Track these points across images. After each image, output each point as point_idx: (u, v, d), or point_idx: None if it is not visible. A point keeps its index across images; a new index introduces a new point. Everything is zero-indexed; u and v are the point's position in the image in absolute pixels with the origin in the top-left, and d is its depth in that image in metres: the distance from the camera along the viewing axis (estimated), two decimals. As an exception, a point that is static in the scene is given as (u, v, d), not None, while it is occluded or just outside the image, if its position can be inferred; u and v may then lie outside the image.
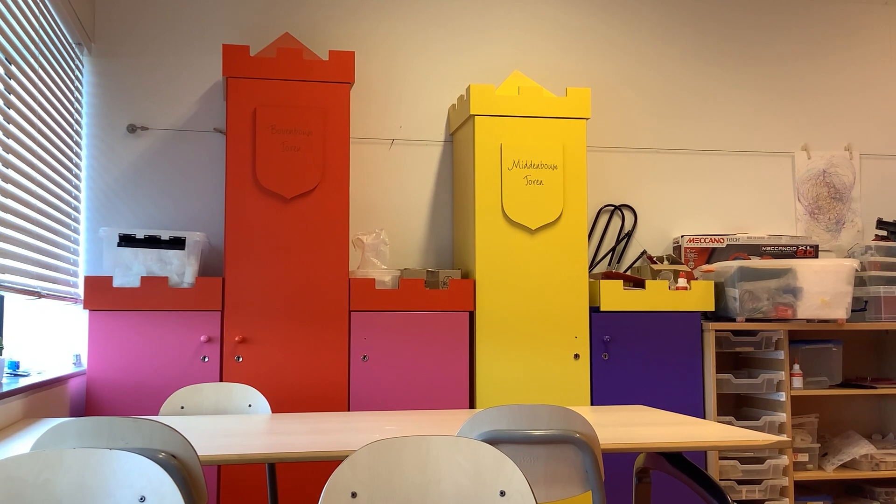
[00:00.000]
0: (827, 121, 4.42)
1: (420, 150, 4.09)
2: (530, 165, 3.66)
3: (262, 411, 2.95)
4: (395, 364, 3.53)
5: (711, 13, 4.36)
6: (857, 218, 4.39)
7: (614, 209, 4.21)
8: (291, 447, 2.11)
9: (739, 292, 3.67)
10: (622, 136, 4.25)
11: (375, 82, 4.08)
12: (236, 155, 3.49)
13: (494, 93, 3.67)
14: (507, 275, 3.63)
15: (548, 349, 3.62)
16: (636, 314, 3.70)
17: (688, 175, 4.29)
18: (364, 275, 3.62)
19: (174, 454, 1.77)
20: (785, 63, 4.41)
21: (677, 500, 3.63)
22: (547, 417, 2.11)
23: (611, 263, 4.18)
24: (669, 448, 2.24)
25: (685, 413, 3.65)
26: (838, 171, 4.40)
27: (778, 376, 3.72)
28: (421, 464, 1.58)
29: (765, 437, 2.29)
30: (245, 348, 3.43)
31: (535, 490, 1.61)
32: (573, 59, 4.24)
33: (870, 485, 3.96)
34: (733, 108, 4.35)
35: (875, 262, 3.94)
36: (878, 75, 4.49)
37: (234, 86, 3.52)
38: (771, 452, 3.70)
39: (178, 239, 3.49)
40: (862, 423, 4.16)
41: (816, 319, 3.74)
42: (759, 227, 4.31)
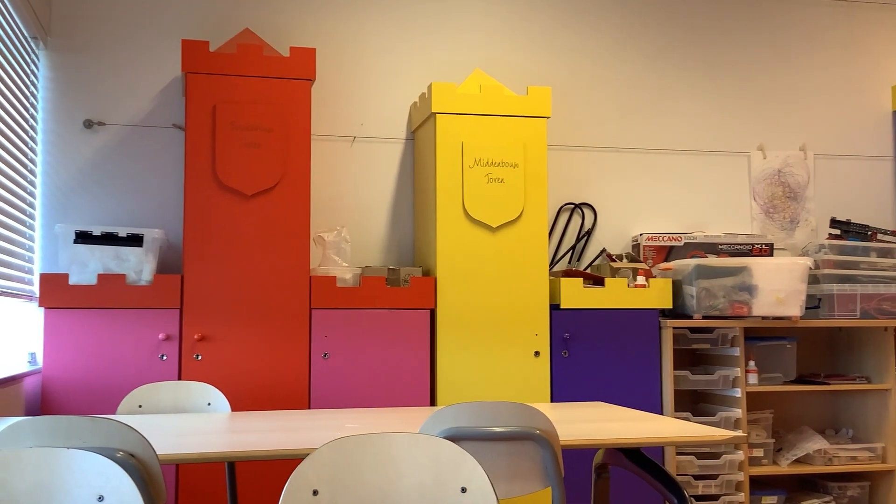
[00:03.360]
0: (782, 121, 4.50)
1: (381, 148, 4.08)
2: (491, 163, 3.68)
3: (222, 410, 2.93)
4: (357, 362, 3.53)
5: (671, 14, 4.41)
6: (811, 217, 4.47)
7: (574, 207, 4.24)
8: (251, 445, 2.10)
9: (696, 290, 3.72)
10: (582, 134, 4.28)
11: (337, 79, 4.07)
12: (196, 151, 3.46)
13: (456, 91, 3.68)
14: (469, 272, 3.64)
15: (508, 346, 3.64)
16: (596, 312, 3.74)
17: (647, 174, 4.33)
18: (325, 272, 3.61)
19: (133, 453, 1.75)
20: (742, 64, 4.47)
21: (635, 495, 3.67)
22: (507, 414, 2.13)
23: (571, 261, 4.22)
24: (628, 444, 2.27)
25: (643, 409, 3.70)
26: (793, 170, 4.47)
27: (734, 373, 3.78)
28: (383, 461, 1.58)
29: (721, 433, 2.33)
30: (204, 346, 3.41)
31: (496, 486, 1.63)
32: (534, 58, 4.26)
33: (823, 479, 4.04)
34: (691, 108, 4.41)
35: (828, 260, 4.01)
36: (832, 76, 4.57)
37: (194, 81, 3.49)
38: (727, 448, 3.76)
39: (136, 236, 3.45)
40: (815, 419, 4.24)
41: (771, 317, 3.80)
42: (715, 225, 4.37)
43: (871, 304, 3.94)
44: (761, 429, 3.93)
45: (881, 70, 4.62)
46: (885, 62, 4.63)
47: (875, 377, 4.00)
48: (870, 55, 4.62)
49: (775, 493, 3.88)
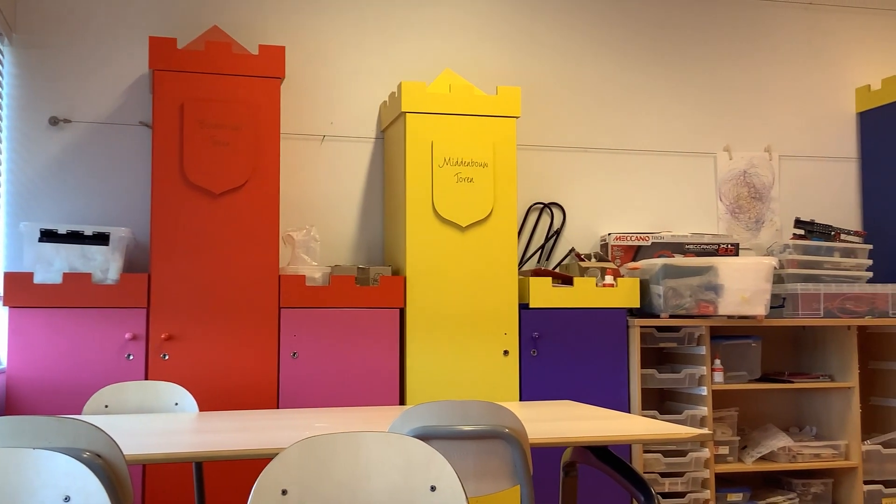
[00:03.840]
0: (748, 122, 4.55)
1: (351, 147, 4.08)
2: (461, 163, 3.69)
3: (189, 410, 2.91)
4: (326, 361, 3.52)
5: (639, 17, 4.45)
6: (776, 217, 4.53)
7: (543, 207, 4.26)
8: (219, 445, 2.09)
9: (663, 289, 3.75)
10: (551, 134, 4.31)
11: (306, 78, 4.05)
12: (163, 149, 3.44)
13: (426, 90, 3.69)
14: (438, 272, 3.65)
15: (477, 345, 3.65)
16: (564, 311, 3.76)
17: (615, 174, 4.37)
18: (294, 271, 3.60)
19: (99, 453, 1.74)
20: (708, 65, 4.52)
21: (603, 493, 3.70)
22: (476, 413, 2.13)
23: (540, 261, 4.24)
24: (595, 442, 2.29)
25: (611, 407, 3.73)
26: (758, 171, 4.53)
27: (700, 371, 3.82)
28: (352, 460, 1.59)
29: (687, 431, 2.35)
30: (171, 346, 3.38)
31: (465, 484, 1.63)
32: (504, 58, 4.28)
33: (787, 476, 4.09)
34: (659, 109, 4.44)
35: (793, 260, 4.07)
36: (797, 79, 4.63)
37: (161, 79, 3.46)
38: (693, 445, 3.80)
39: (102, 234, 3.42)
40: (780, 417, 4.30)
41: (737, 316, 3.85)
42: (682, 225, 4.41)
43: (834, 303, 4.00)
44: (727, 426, 3.97)
45: (845, 73, 4.70)
46: (848, 65, 4.70)
47: (838, 375, 4.06)
48: (834, 58, 4.69)
49: (740, 490, 3.93)
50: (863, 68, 4.71)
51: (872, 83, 4.61)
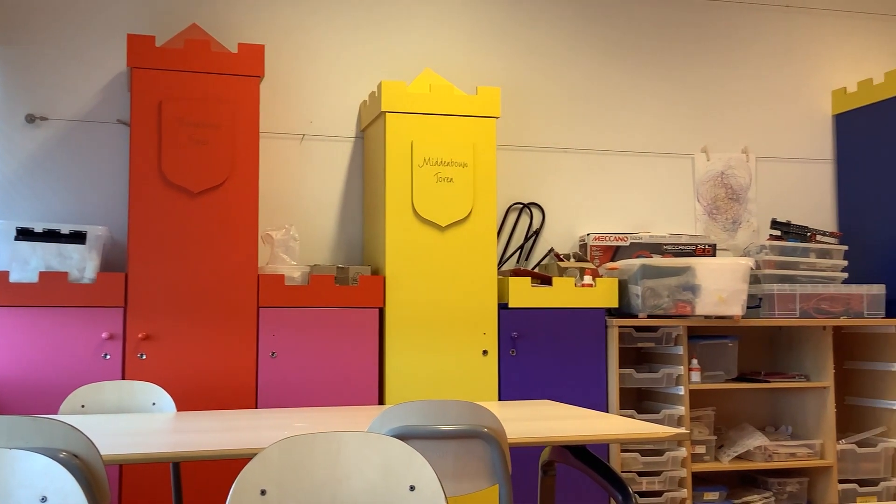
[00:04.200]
0: (725, 124, 4.59)
1: (331, 146, 4.07)
2: (441, 163, 3.69)
3: (167, 409, 2.90)
4: (305, 360, 3.52)
5: (618, 19, 4.47)
6: (753, 218, 4.56)
7: (523, 207, 4.27)
8: (197, 445, 2.09)
9: (642, 289, 3.78)
10: (531, 135, 4.32)
11: (286, 76, 4.04)
12: (141, 147, 3.42)
13: (406, 90, 3.69)
14: (417, 271, 3.65)
15: (457, 345, 3.66)
16: (543, 311, 3.77)
17: (594, 175, 4.38)
18: (273, 270, 3.59)
19: (76, 453, 1.73)
20: (687, 67, 4.55)
21: (581, 492, 3.72)
22: (456, 413, 2.14)
23: (519, 261, 4.25)
24: (574, 441, 2.30)
25: (589, 407, 3.74)
26: (735, 172, 4.56)
27: (677, 371, 3.85)
28: (331, 460, 1.58)
29: (664, 430, 2.37)
30: (149, 345, 3.36)
31: (444, 484, 1.64)
32: (484, 58, 4.29)
33: (763, 475, 4.13)
34: (638, 111, 4.47)
35: (769, 260, 4.10)
36: (774, 81, 4.67)
37: (139, 77, 3.44)
38: (670, 445, 3.83)
39: (79, 233, 3.39)
40: (756, 416, 4.34)
41: (714, 316, 3.88)
42: (660, 226, 4.44)
43: (809, 303, 4.04)
44: (703, 426, 4.00)
45: (821, 75, 4.74)
46: (825, 67, 4.75)
47: (813, 375, 4.10)
48: (810, 60, 4.73)
49: (717, 489, 3.96)
50: (839, 71, 4.76)
51: (848, 86, 4.66)
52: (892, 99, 4.30)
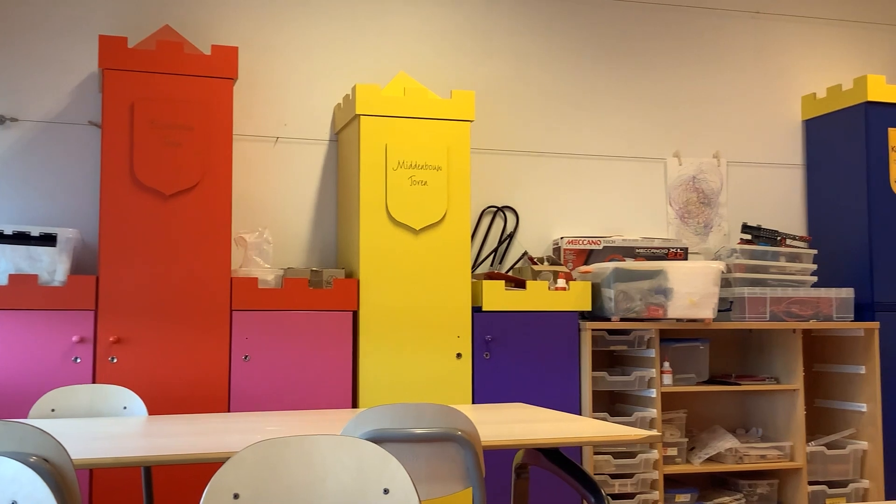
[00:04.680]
0: (697, 129, 4.63)
1: (305, 149, 4.06)
2: (415, 166, 3.69)
3: (138, 413, 2.88)
4: (278, 364, 3.50)
5: (592, 23, 4.50)
6: (724, 222, 4.61)
7: (497, 210, 4.29)
8: (168, 450, 2.07)
9: (614, 293, 3.80)
10: (505, 138, 4.33)
11: (260, 79, 4.03)
12: (112, 149, 3.39)
13: (380, 93, 3.69)
14: (391, 274, 3.65)
15: (431, 348, 3.66)
16: (517, 314, 3.79)
17: (567, 178, 4.41)
18: (246, 273, 3.58)
19: (46, 458, 1.71)
20: (659, 72, 4.58)
21: (554, 495, 3.73)
22: (430, 416, 2.14)
23: (493, 264, 4.26)
24: (547, 444, 2.31)
25: (563, 410, 3.76)
26: (707, 177, 4.61)
27: (649, 374, 3.87)
28: (305, 463, 1.58)
29: (637, 433, 2.39)
30: (120, 349, 3.34)
31: (418, 487, 1.64)
32: (458, 61, 4.30)
33: (734, 477, 4.16)
34: (611, 115, 4.50)
35: (740, 264, 4.15)
36: (745, 87, 4.72)
37: (111, 78, 3.41)
38: (642, 447, 3.85)
39: (49, 235, 3.36)
40: (727, 419, 4.37)
41: (685, 319, 3.91)
42: (633, 229, 4.47)
43: (779, 307, 4.09)
44: (675, 428, 4.03)
45: (791, 81, 4.80)
46: (795, 73, 4.81)
47: (783, 378, 4.14)
48: (780, 66, 4.79)
49: (688, 490, 3.99)
50: (808, 77, 4.82)
51: (818, 91, 4.72)
52: (861, 104, 4.36)
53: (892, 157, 4.33)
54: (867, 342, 4.16)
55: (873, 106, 4.34)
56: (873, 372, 4.12)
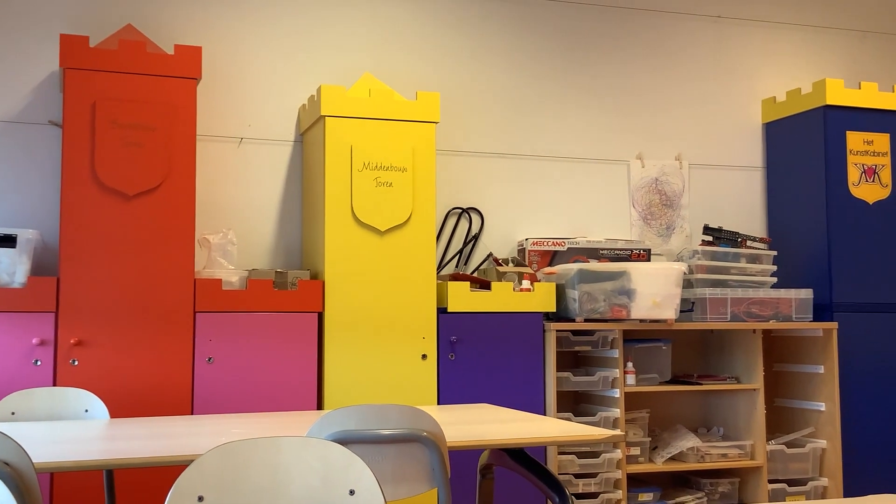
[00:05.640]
0: (659, 131, 4.68)
1: (269, 150, 4.04)
2: (380, 167, 3.69)
3: (100, 416, 2.85)
4: (242, 366, 3.48)
5: (555, 26, 4.53)
6: (686, 224, 4.66)
7: (462, 212, 4.30)
8: (131, 453, 2.06)
9: (579, 294, 3.83)
10: (470, 140, 4.35)
11: (224, 79, 4.00)
12: (74, 149, 3.35)
13: (345, 94, 3.68)
14: (357, 276, 3.64)
15: (396, 349, 3.66)
16: (482, 315, 3.80)
17: (532, 180, 4.43)
18: (210, 275, 3.55)
19: (7, 461, 1.69)
20: (622, 76, 4.63)
21: (519, 495, 3.75)
22: (395, 417, 2.15)
23: (458, 265, 4.27)
24: (511, 444, 2.32)
25: (527, 410, 3.78)
26: (669, 179, 4.66)
27: (613, 374, 3.91)
28: (270, 465, 1.58)
29: (600, 432, 2.41)
30: (81, 351, 3.30)
31: (384, 488, 1.65)
32: (423, 63, 4.30)
33: (695, 476, 4.21)
34: (575, 117, 4.53)
35: (701, 265, 4.20)
36: (706, 90, 4.78)
37: (72, 77, 3.37)
38: (606, 447, 3.88)
39: (9, 236, 3.31)
40: (689, 418, 4.42)
41: (648, 319, 3.95)
42: (597, 231, 4.51)
43: (740, 307, 4.14)
44: (638, 428, 4.07)
45: (752, 84, 4.87)
46: (755, 77, 4.88)
47: (744, 377, 4.20)
48: (741, 70, 4.85)
49: (651, 489, 4.03)
50: (768, 80, 4.90)
51: (777, 95, 4.79)
52: (820, 108, 4.43)
53: (850, 159, 4.41)
54: (826, 342, 4.23)
55: (832, 109, 4.41)
56: (832, 371, 4.19)
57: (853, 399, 4.28)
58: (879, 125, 4.47)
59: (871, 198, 4.43)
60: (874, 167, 4.44)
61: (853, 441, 4.24)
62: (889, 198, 4.45)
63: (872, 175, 4.44)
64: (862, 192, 4.41)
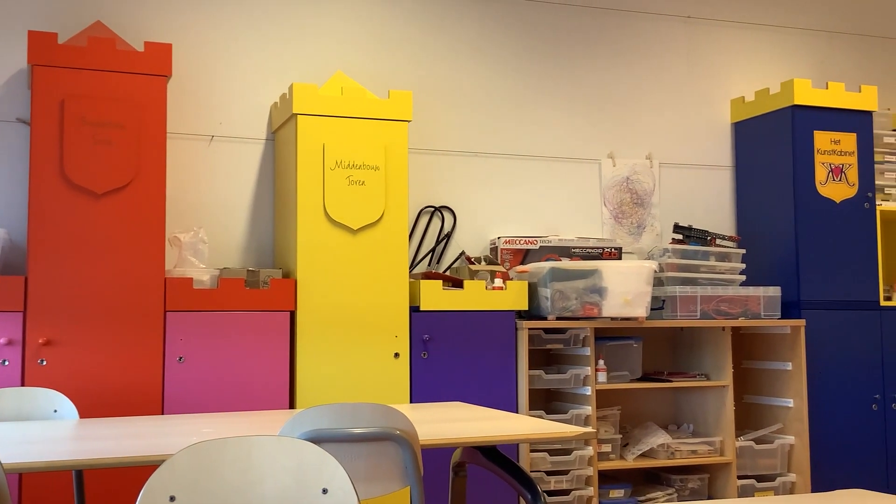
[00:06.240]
0: (630, 131, 4.71)
1: (241, 148, 4.02)
2: (352, 166, 3.69)
3: (69, 417, 2.82)
4: (214, 365, 3.46)
5: (527, 25, 4.54)
6: (657, 222, 4.70)
7: (434, 210, 4.30)
8: (101, 453, 2.04)
9: (551, 292, 3.85)
10: (442, 139, 4.35)
11: (194, 76, 3.98)
12: (42, 147, 3.31)
13: (317, 92, 3.67)
14: (329, 274, 3.64)
15: (369, 348, 3.66)
16: (454, 313, 3.81)
17: (504, 178, 4.44)
18: (181, 274, 3.53)
19: (-26, 463, 1.67)
20: (593, 75, 4.65)
21: (491, 493, 3.76)
22: (368, 415, 2.15)
23: (430, 264, 4.28)
24: (484, 442, 2.33)
25: (500, 408, 3.79)
26: (640, 178, 4.69)
27: (584, 371, 3.93)
28: (243, 465, 1.57)
29: (572, 430, 2.42)
30: (50, 351, 3.26)
31: (357, 486, 1.65)
32: (396, 62, 4.30)
33: (666, 472, 4.24)
34: (547, 116, 4.55)
35: (672, 263, 4.23)
36: (676, 90, 4.82)
37: (41, 74, 3.33)
38: (577, 444, 3.91)
39: (-24, 235, 3.27)
40: (659, 415, 4.46)
41: (619, 317, 3.97)
42: (569, 229, 4.53)
43: (710, 305, 4.18)
44: (609, 425, 4.10)
45: (721, 84, 4.91)
46: (724, 77, 4.92)
47: (713, 374, 4.24)
48: (710, 70, 4.90)
49: (622, 486, 4.06)
50: (737, 81, 4.95)
51: (746, 95, 4.84)
52: (788, 108, 4.49)
53: (817, 159, 4.47)
54: (793, 339, 4.28)
55: (800, 109, 4.47)
56: (799, 368, 4.25)
57: (820, 395, 4.34)
58: (846, 125, 4.53)
59: (838, 197, 4.49)
60: (841, 166, 4.50)
61: (820, 437, 4.30)
62: (855, 197, 4.52)
63: (839, 174, 4.50)
64: (829, 191, 4.47)
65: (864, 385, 4.43)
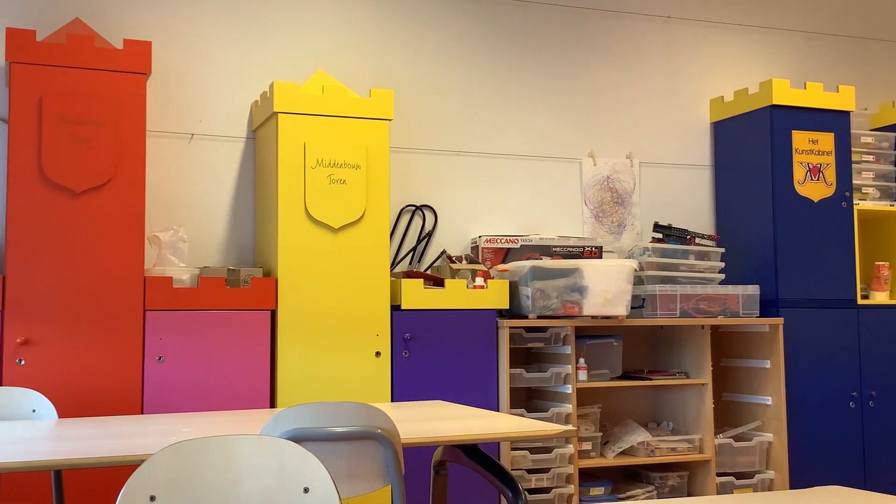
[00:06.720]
0: (611, 130, 4.73)
1: (221, 146, 4.00)
2: (334, 164, 3.68)
3: (48, 417, 2.80)
4: (194, 365, 3.45)
5: (508, 25, 4.55)
6: (637, 221, 4.72)
7: (415, 209, 4.30)
8: (80, 453, 2.03)
9: (532, 291, 3.86)
10: (424, 137, 4.35)
11: (174, 74, 3.95)
12: (20, 145, 3.29)
13: (298, 91, 3.67)
14: (310, 273, 3.63)
15: (350, 347, 3.66)
16: (436, 312, 3.81)
17: (485, 177, 4.45)
18: (161, 273, 3.51)
19: (-48, 464, 1.66)
20: (574, 75, 4.67)
21: (472, 491, 3.77)
22: (349, 414, 2.15)
23: (412, 262, 4.28)
24: (465, 440, 2.34)
25: (481, 407, 3.80)
26: (620, 177, 4.71)
27: (565, 370, 3.94)
28: (224, 464, 1.57)
29: (553, 428, 2.43)
30: (28, 350, 3.24)
31: (339, 485, 1.64)
32: (377, 60, 4.29)
33: (646, 470, 4.27)
34: (528, 115, 4.56)
35: (652, 262, 4.25)
36: (656, 89, 4.84)
37: (18, 72, 3.31)
38: (558, 442, 3.92)
39: (-48, 233, 3.24)
40: (639, 413, 4.48)
41: (600, 316, 3.99)
42: (550, 228, 4.54)
43: (689, 303, 4.21)
44: (590, 423, 4.11)
45: (700, 84, 4.94)
46: (703, 76, 4.95)
47: (693, 372, 4.27)
48: (690, 70, 4.93)
49: (602, 484, 4.08)
50: (717, 80, 4.98)
51: (725, 94, 4.87)
52: (766, 108, 4.52)
53: (795, 158, 4.50)
54: (772, 337, 4.31)
55: (778, 109, 4.50)
56: (778, 366, 4.28)
57: (798, 393, 4.38)
58: (824, 125, 4.57)
59: (815, 196, 4.53)
60: (819, 166, 4.54)
61: (798, 434, 4.34)
62: (833, 196, 4.56)
63: (817, 174, 4.54)
64: (807, 190, 4.51)
65: (842, 383, 4.48)
